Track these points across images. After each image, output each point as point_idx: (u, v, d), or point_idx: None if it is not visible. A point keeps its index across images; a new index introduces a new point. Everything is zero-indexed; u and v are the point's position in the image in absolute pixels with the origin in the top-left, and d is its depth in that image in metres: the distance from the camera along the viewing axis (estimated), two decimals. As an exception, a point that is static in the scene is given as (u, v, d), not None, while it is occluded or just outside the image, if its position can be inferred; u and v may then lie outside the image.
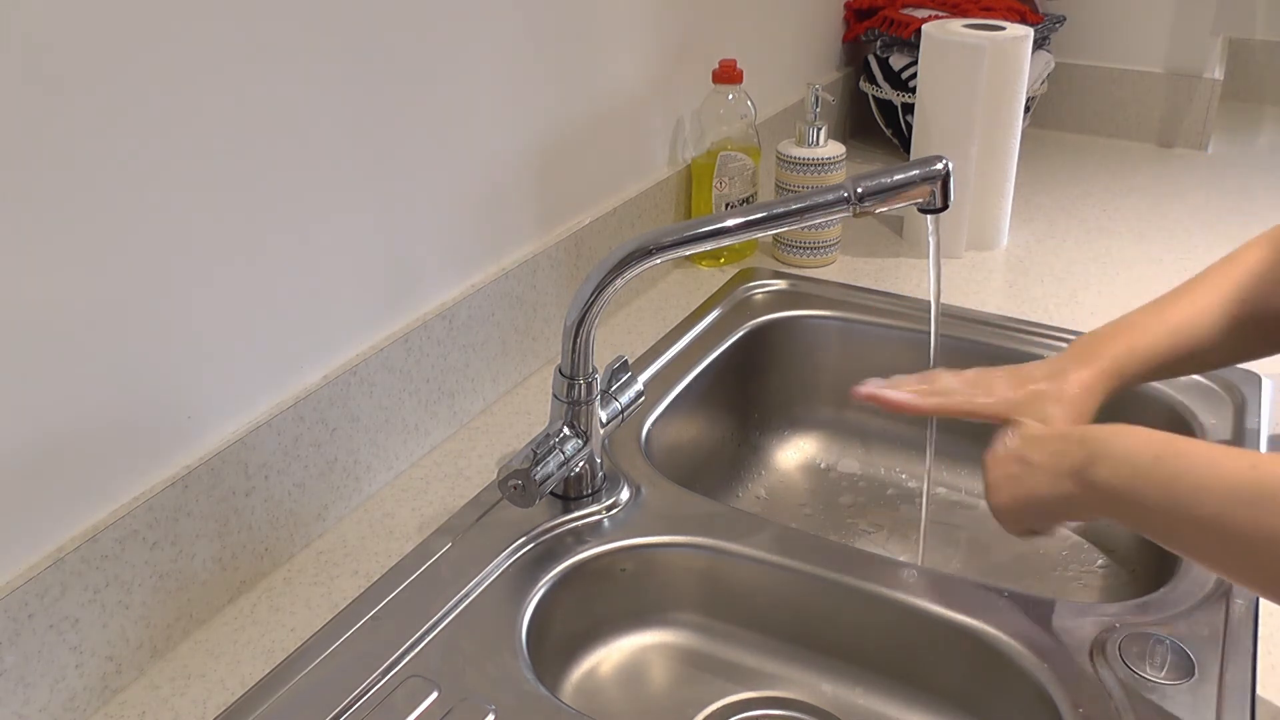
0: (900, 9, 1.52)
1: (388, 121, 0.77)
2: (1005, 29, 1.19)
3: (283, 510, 0.73)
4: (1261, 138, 1.74)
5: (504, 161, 0.90)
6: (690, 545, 0.76)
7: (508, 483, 0.71)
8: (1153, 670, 0.63)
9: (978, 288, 1.16)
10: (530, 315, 0.96)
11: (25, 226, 0.54)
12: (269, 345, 0.71)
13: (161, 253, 0.62)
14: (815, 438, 1.10)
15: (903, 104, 1.52)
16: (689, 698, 0.75)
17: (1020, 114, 1.21)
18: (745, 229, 0.72)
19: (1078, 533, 0.96)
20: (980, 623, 0.68)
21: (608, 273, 0.70)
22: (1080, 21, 1.68)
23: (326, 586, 0.72)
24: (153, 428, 0.64)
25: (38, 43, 0.53)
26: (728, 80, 1.14)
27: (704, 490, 0.86)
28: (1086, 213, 1.38)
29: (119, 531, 0.61)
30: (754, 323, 1.07)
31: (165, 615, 0.66)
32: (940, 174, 0.72)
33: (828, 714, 0.74)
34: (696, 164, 1.18)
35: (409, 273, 0.82)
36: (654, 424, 0.91)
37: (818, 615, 0.74)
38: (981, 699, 0.70)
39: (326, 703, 0.61)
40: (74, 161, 0.56)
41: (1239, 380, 0.94)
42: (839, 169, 1.19)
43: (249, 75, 0.65)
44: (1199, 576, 0.72)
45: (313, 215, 0.72)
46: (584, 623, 0.76)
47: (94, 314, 0.59)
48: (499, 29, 0.86)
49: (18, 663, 0.57)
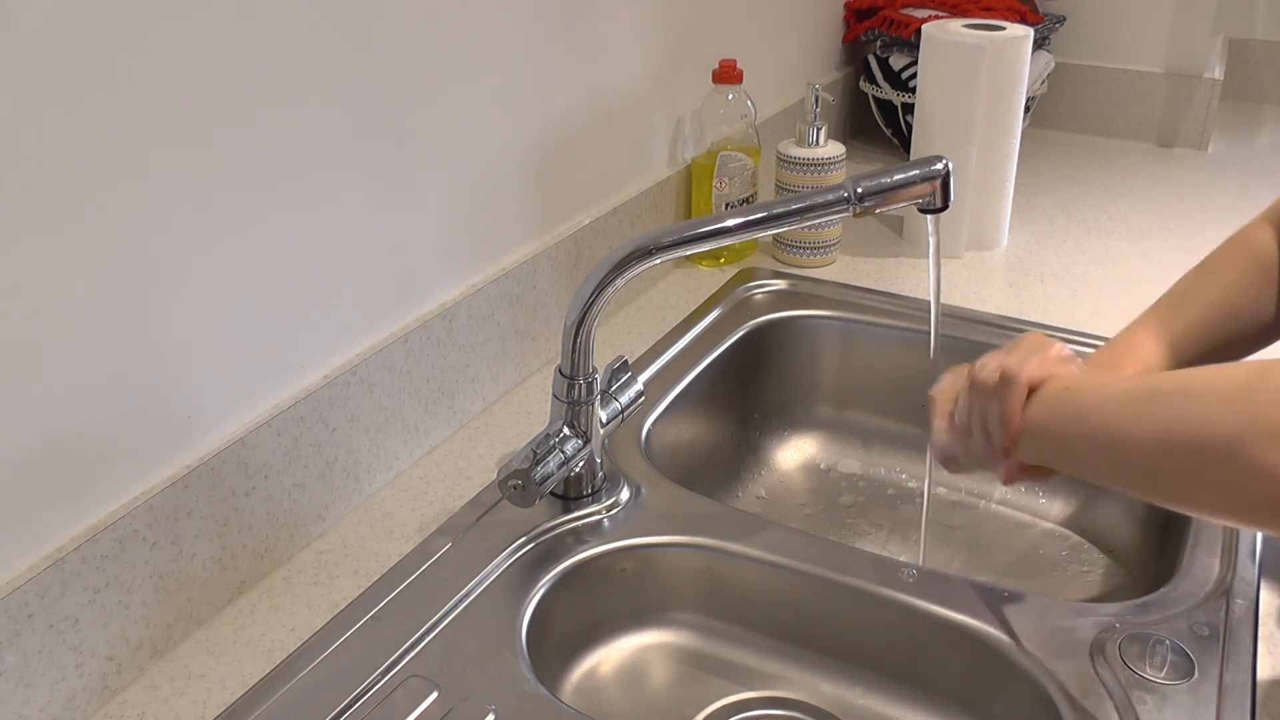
0: (900, 9, 1.52)
1: (388, 121, 0.77)
2: (1005, 29, 1.19)
3: (283, 510, 0.73)
4: (1261, 138, 1.74)
5: (504, 161, 0.90)
6: (690, 545, 0.76)
7: (508, 483, 0.71)
8: (1153, 670, 0.63)
9: (978, 288, 1.16)
10: (530, 315, 0.96)
11: (24, 226, 0.54)
12: (269, 345, 0.71)
13: (162, 252, 0.62)
14: (815, 438, 1.10)
15: (903, 104, 1.52)
16: (689, 698, 0.75)
17: (1020, 114, 1.21)
18: (745, 229, 0.72)
19: (1078, 533, 0.96)
20: (980, 623, 0.68)
21: (608, 273, 0.70)
22: (1080, 21, 1.68)
23: (326, 586, 0.72)
24: (153, 428, 0.64)
25: (37, 42, 0.53)
26: (728, 80, 1.14)
27: (704, 490, 0.86)
28: (1086, 213, 1.38)
29: (119, 531, 0.61)
30: (754, 323, 1.07)
31: (165, 615, 0.66)
32: (940, 174, 0.72)
33: (828, 714, 0.74)
34: (696, 164, 1.18)
35: (409, 273, 0.82)
36: (654, 424, 0.91)
37: (818, 615, 0.74)
38: (981, 699, 0.70)
39: (326, 703, 0.61)
40: (73, 161, 0.56)
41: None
42: (839, 169, 1.19)
43: (250, 76, 0.65)
44: (1199, 576, 0.72)
45: (313, 215, 0.72)
46: (584, 623, 0.76)
47: (94, 313, 0.59)
48: (500, 29, 0.86)
49: (18, 663, 0.57)
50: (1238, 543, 0.75)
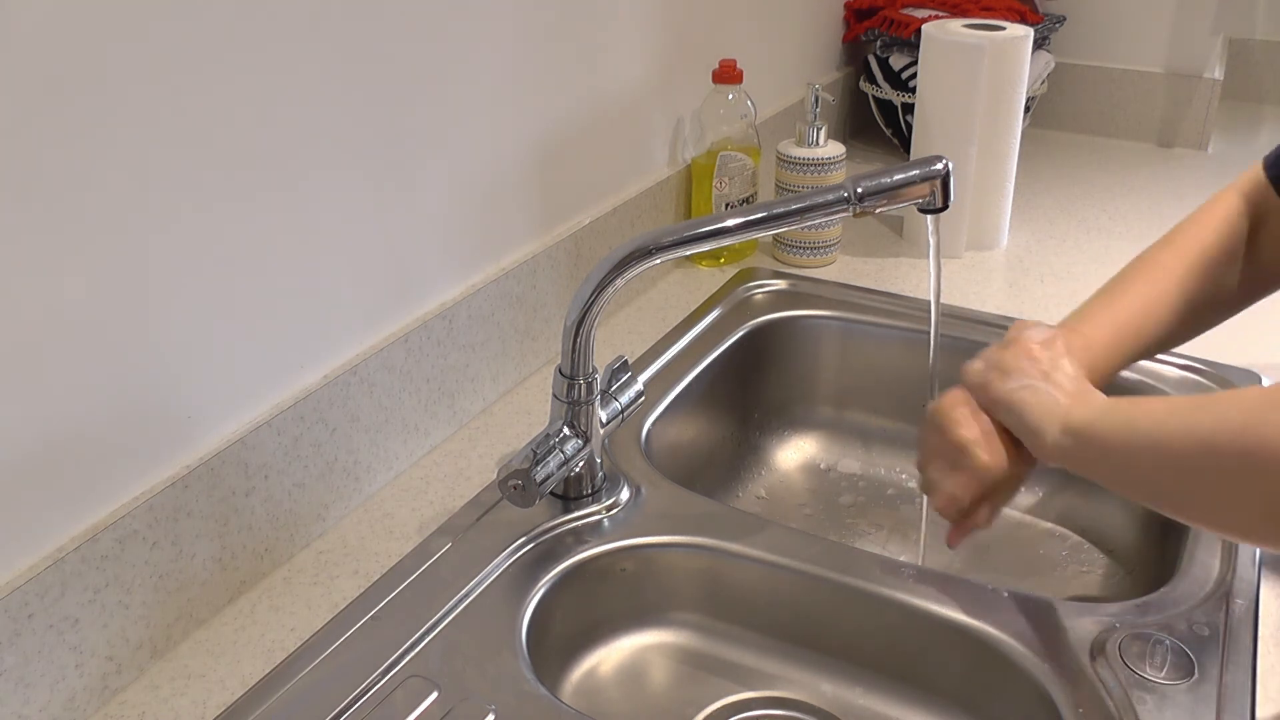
0: (900, 9, 1.52)
1: (388, 121, 0.77)
2: (1005, 29, 1.19)
3: (283, 510, 0.73)
4: (1261, 138, 1.74)
5: (504, 161, 0.90)
6: (690, 545, 0.76)
7: (508, 483, 0.71)
8: (1153, 670, 0.63)
9: (978, 288, 1.16)
10: (530, 315, 0.96)
11: (24, 226, 0.54)
12: (269, 345, 0.71)
13: (161, 252, 0.62)
14: (815, 438, 1.10)
15: (903, 104, 1.52)
16: (689, 698, 0.75)
17: (1020, 114, 1.21)
18: (745, 229, 0.72)
19: (1078, 533, 0.96)
20: (980, 623, 0.68)
21: (608, 273, 0.70)
22: (1080, 21, 1.68)
23: (326, 586, 0.72)
24: (153, 428, 0.64)
25: (37, 42, 0.53)
26: (728, 80, 1.14)
27: (704, 490, 0.86)
28: (1086, 213, 1.38)
29: (119, 531, 0.61)
30: (754, 323, 1.07)
31: (165, 615, 0.66)
32: (940, 174, 0.72)
33: (828, 714, 0.74)
34: (696, 164, 1.18)
35: (409, 273, 0.82)
36: (654, 424, 0.91)
37: (818, 615, 0.74)
38: (981, 699, 0.70)
39: (326, 703, 0.61)
40: (73, 160, 0.56)
41: (1237, 379, 0.94)
42: (839, 169, 1.19)
43: (250, 75, 0.65)
44: (1199, 576, 0.72)
45: (313, 215, 0.72)
46: (584, 623, 0.76)
47: (94, 313, 0.59)
48: (500, 29, 0.86)
49: (18, 663, 0.57)
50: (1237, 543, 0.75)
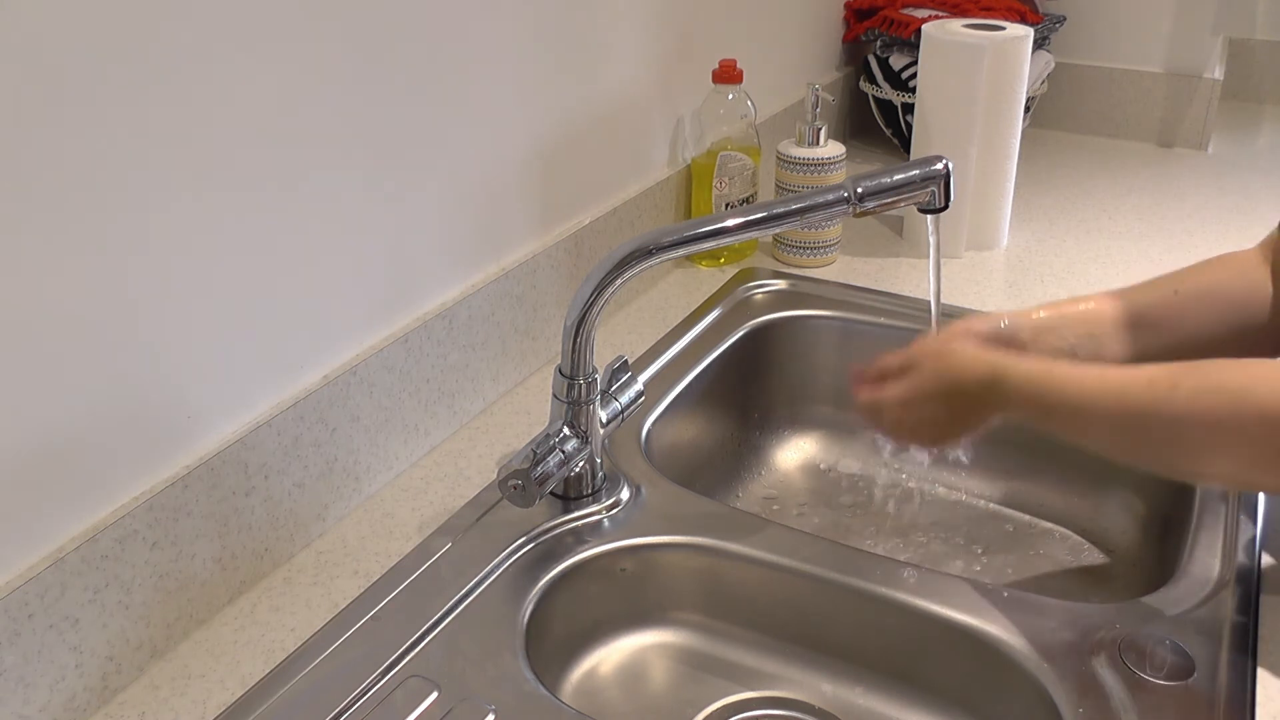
0: (900, 9, 1.52)
1: (388, 121, 0.77)
2: (1005, 29, 1.19)
3: (283, 510, 0.73)
4: (1261, 138, 1.74)
5: (504, 161, 0.90)
6: (690, 545, 0.76)
7: (508, 483, 0.71)
8: (1153, 670, 0.63)
9: (978, 288, 1.16)
10: (530, 315, 0.96)
11: (24, 226, 0.54)
12: (269, 345, 0.71)
13: (161, 252, 0.62)
14: (815, 438, 1.10)
15: (903, 104, 1.52)
16: (689, 698, 0.75)
17: (1020, 114, 1.21)
18: (745, 229, 0.72)
19: (1078, 532, 0.96)
20: (980, 623, 0.68)
21: (608, 273, 0.70)
22: (1080, 21, 1.68)
23: (326, 586, 0.72)
24: (153, 428, 0.64)
25: (37, 42, 0.53)
26: (728, 80, 1.14)
27: (704, 490, 0.86)
28: (1086, 213, 1.38)
29: (119, 531, 0.61)
30: (754, 323, 1.07)
31: (165, 615, 0.66)
32: (940, 174, 0.72)
33: (828, 714, 0.74)
34: (696, 164, 1.18)
35: (409, 273, 0.82)
36: (654, 424, 0.91)
37: (818, 615, 0.74)
38: (981, 699, 0.70)
39: (326, 703, 0.61)
40: (72, 160, 0.56)
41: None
42: (839, 169, 1.19)
43: (250, 75, 0.65)
44: (1199, 576, 0.72)
45: (313, 214, 0.72)
46: (584, 623, 0.76)
47: (94, 313, 0.59)
48: (500, 29, 0.86)
49: (18, 663, 0.57)
50: (1237, 542, 0.75)
